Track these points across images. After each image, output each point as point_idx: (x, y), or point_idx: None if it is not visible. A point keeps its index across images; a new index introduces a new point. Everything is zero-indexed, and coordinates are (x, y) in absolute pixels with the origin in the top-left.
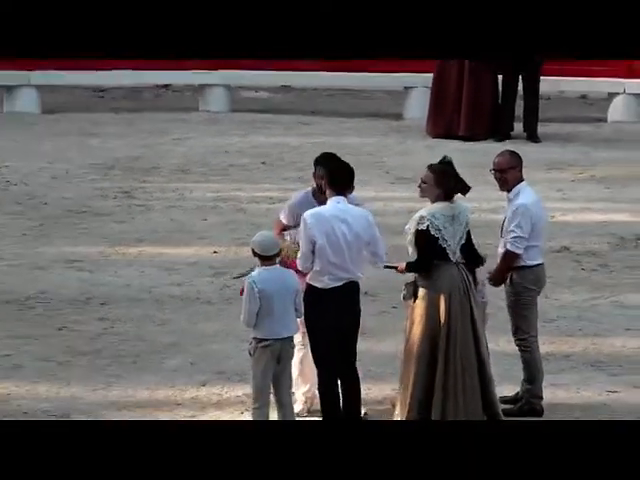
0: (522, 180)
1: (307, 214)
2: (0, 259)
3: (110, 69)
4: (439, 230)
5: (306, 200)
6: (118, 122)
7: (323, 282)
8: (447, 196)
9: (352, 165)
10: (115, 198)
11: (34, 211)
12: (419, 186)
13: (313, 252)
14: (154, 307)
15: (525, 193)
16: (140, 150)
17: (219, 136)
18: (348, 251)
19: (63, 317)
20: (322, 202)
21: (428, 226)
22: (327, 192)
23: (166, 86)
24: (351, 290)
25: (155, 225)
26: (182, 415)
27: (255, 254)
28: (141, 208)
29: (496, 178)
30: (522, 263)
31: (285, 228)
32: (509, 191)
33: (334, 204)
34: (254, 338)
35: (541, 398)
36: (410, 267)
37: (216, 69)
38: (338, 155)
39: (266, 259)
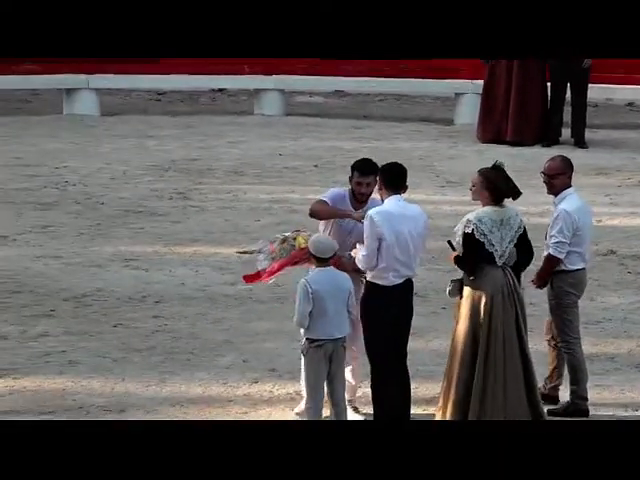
0: (570, 186)
1: (373, 212)
2: (58, 257)
3: (168, 73)
4: (484, 235)
5: (344, 198)
6: (175, 125)
7: (387, 279)
8: (496, 200)
9: None
10: (171, 199)
11: (92, 211)
12: (470, 189)
13: (378, 250)
14: (207, 305)
15: (570, 199)
16: (196, 152)
17: (273, 139)
18: (413, 248)
19: (118, 314)
20: (354, 206)
21: (473, 230)
22: (383, 193)
23: (222, 90)
24: (409, 288)
25: (209, 225)
26: (234, 412)
27: (312, 255)
28: (196, 209)
29: (544, 181)
30: (563, 267)
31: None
32: (556, 195)
33: (395, 202)
34: (307, 338)
35: (586, 399)
36: (455, 261)
37: (271, 74)
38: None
39: (321, 261)
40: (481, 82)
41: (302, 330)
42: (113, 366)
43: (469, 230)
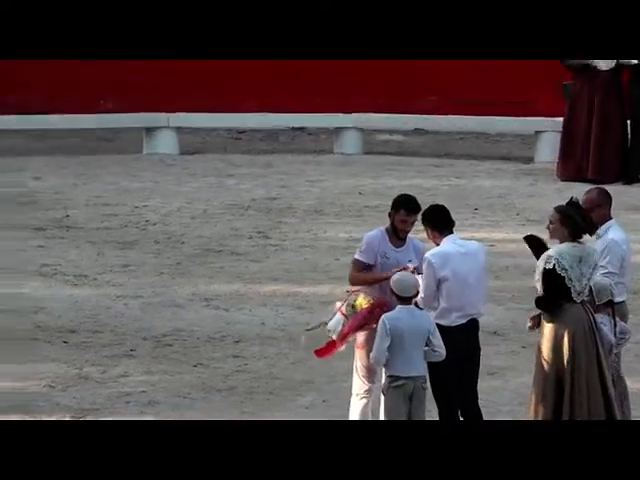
0: (610, 218)
1: (430, 255)
2: (138, 297)
3: (248, 112)
4: (565, 270)
5: (383, 238)
6: (254, 163)
7: (450, 319)
8: (574, 236)
9: (483, 207)
10: (250, 238)
11: (172, 250)
12: (547, 227)
13: (437, 290)
14: (288, 345)
15: (615, 230)
16: (275, 191)
17: (352, 178)
18: (477, 286)
19: (198, 354)
20: (394, 243)
21: (554, 265)
22: (436, 236)
23: (302, 129)
24: (474, 327)
25: (289, 265)
26: None
27: (393, 293)
28: (276, 248)
29: None
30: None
31: (366, 267)
32: (597, 227)
33: (452, 242)
34: (388, 376)
35: None
36: (536, 302)
37: (351, 112)
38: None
39: (403, 299)
40: (561, 119)
41: (383, 369)
42: (193, 406)
43: (550, 266)
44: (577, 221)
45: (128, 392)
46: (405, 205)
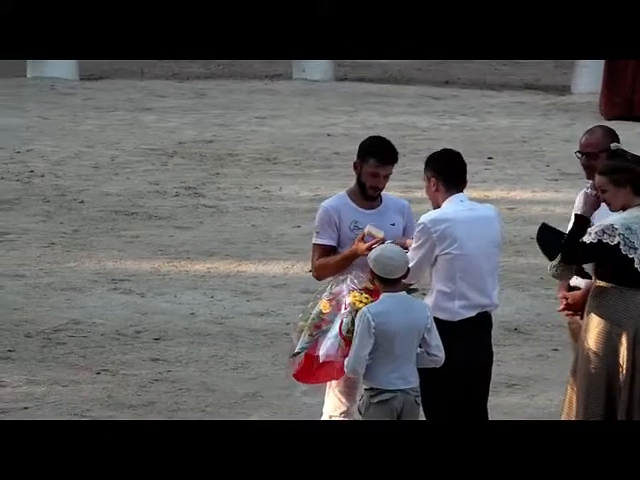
0: None
1: (428, 219)
2: (19, 277)
3: None
4: (635, 250)
5: (346, 204)
6: (182, 93)
7: (452, 311)
8: None
9: (500, 155)
10: (177, 196)
11: (67, 212)
12: (596, 196)
13: (433, 266)
14: (227, 345)
15: None
16: (211, 131)
17: (319, 113)
18: (487, 264)
19: (103, 357)
20: (365, 206)
21: (619, 243)
22: (439, 194)
23: None
24: (485, 323)
25: (230, 233)
26: None
27: (374, 276)
28: (212, 210)
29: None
30: None
31: (331, 251)
32: None
33: (457, 203)
34: (368, 389)
35: None
36: (563, 255)
37: None
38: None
39: (388, 283)
40: None
41: (361, 379)
42: None
43: (613, 241)
44: (637, 170)
45: (2, 409)
46: (376, 152)
